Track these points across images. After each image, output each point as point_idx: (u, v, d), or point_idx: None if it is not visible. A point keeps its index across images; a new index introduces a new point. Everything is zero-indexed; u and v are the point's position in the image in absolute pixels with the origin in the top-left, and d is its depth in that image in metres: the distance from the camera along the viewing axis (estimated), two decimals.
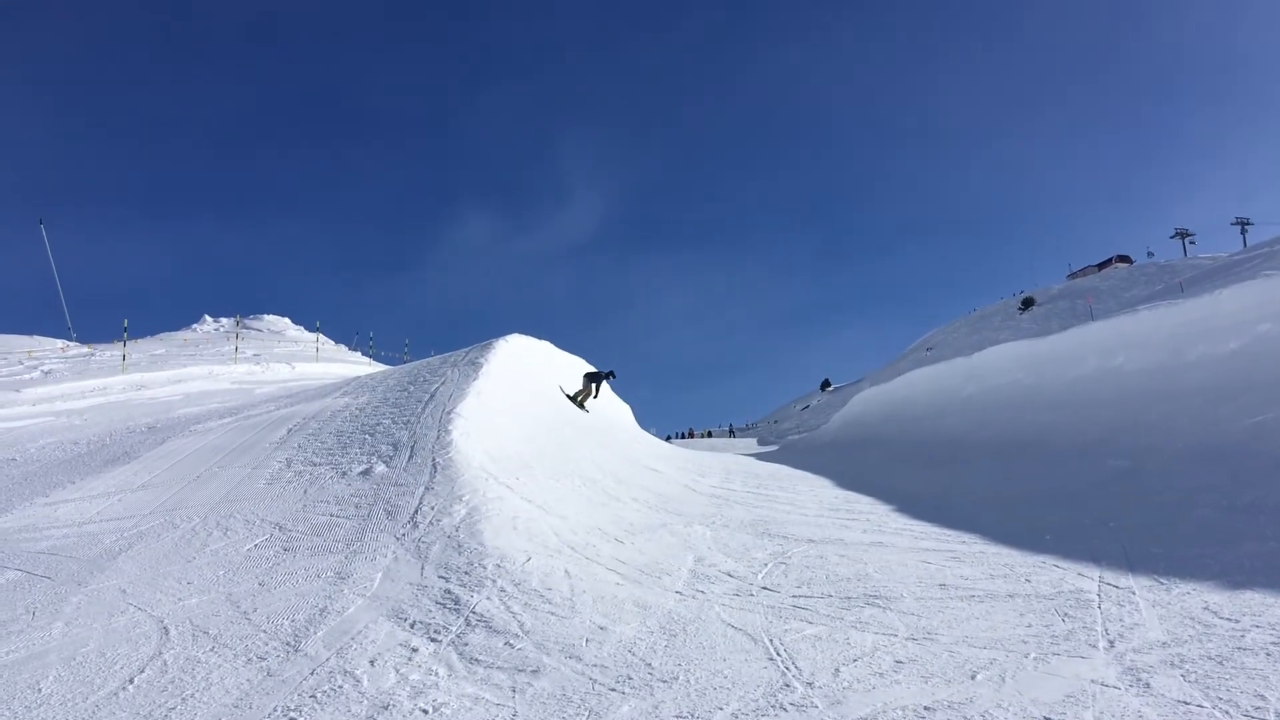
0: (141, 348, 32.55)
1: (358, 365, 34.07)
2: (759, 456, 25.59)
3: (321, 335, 43.26)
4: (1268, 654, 4.28)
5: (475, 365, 14.23)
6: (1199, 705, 3.73)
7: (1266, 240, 40.11)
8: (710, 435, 73.34)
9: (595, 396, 18.95)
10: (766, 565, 7.19)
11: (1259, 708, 3.65)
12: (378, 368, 31.21)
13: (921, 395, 25.11)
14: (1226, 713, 3.63)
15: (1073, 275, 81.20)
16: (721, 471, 15.65)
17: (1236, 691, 3.84)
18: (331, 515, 7.58)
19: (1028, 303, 71.89)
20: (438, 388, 12.78)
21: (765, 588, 6.41)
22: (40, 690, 4.36)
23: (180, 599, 5.75)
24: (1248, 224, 60.83)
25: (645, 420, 21.31)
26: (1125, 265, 73.99)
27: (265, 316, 53.20)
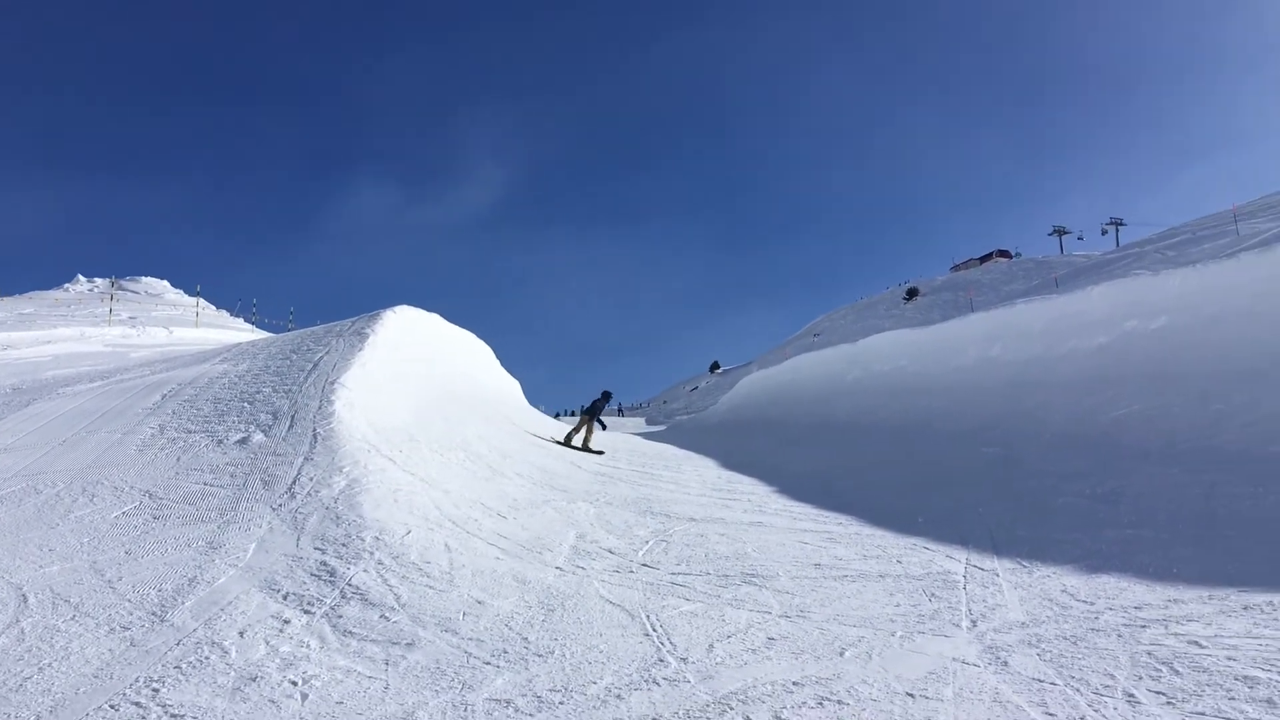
0: (8, 306, 31.10)
1: (239, 332, 33.15)
2: (646, 436, 25.78)
3: (202, 300, 41.88)
4: (1119, 635, 4.50)
5: (361, 335, 13.90)
6: (1052, 683, 3.90)
7: (1136, 240, 42.23)
8: None
9: (605, 428, 17.00)
10: (648, 543, 7.26)
11: (1108, 686, 3.83)
12: (260, 335, 30.36)
13: (807, 380, 25.63)
14: (1078, 690, 3.81)
15: (955, 268, 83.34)
16: (608, 450, 15.70)
17: (1088, 670, 4.03)
18: (205, 484, 7.35)
19: (912, 293, 73.61)
20: (322, 357, 12.47)
21: (645, 565, 6.47)
22: None
23: (41, 566, 5.51)
24: (1120, 224, 63.44)
25: (534, 397, 21.17)
26: (1005, 260, 76.34)
27: (143, 278, 51.42)
